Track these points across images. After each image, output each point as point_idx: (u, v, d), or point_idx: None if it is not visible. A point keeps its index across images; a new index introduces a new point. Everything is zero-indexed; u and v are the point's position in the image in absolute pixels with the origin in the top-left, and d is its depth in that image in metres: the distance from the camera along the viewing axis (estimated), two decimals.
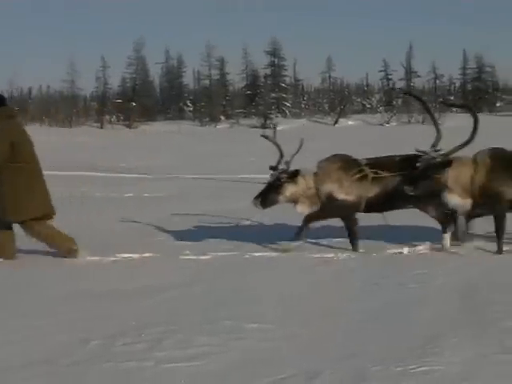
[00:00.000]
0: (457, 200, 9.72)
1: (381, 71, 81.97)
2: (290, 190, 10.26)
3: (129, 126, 70.46)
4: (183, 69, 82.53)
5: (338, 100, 77.35)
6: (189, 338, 6.25)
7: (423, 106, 10.47)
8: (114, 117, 75.07)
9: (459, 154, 9.77)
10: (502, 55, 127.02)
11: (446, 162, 9.62)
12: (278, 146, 10.58)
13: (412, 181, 9.60)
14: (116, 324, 6.71)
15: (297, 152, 10.46)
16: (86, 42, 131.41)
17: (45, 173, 10.21)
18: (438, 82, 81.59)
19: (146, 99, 75.99)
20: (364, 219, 10.54)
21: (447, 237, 10.09)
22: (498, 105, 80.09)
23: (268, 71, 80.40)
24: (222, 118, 73.95)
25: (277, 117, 72.42)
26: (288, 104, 77.21)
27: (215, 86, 78.99)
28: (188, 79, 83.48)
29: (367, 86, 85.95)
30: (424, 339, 6.06)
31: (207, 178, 24.31)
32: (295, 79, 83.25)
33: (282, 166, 10.33)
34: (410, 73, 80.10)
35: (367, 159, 10.55)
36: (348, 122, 69.79)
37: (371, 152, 10.78)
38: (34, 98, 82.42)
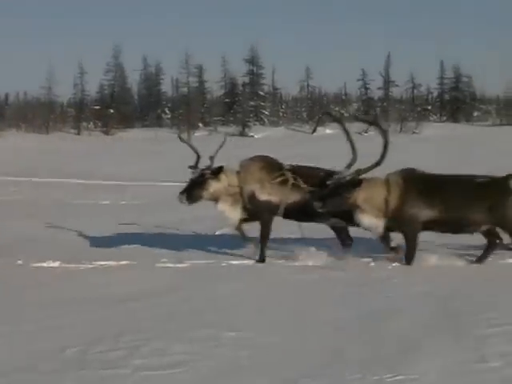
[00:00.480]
0: (369, 220, 9.77)
1: (359, 80, 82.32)
2: (213, 186, 10.27)
3: (106, 133, 70.30)
4: (161, 76, 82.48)
5: (317, 108, 77.48)
6: (166, 345, 6.24)
7: (341, 127, 10.50)
8: (92, 123, 74.87)
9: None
10: (479, 65, 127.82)
11: (356, 182, 9.67)
12: (192, 147, 10.64)
13: (321, 197, 9.67)
14: (93, 331, 6.69)
15: (220, 147, 10.48)
16: (63, 49, 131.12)
17: (21, 179, 10.18)
18: (415, 91, 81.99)
19: (123, 106, 75.87)
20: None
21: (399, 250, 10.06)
22: (475, 115, 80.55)
23: (246, 79, 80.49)
24: (200, 125, 73.87)
25: (255, 125, 72.53)
26: (266, 112, 77.28)
27: (193, 94, 78.94)
28: (166, 86, 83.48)
29: (345, 95, 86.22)
30: (401, 347, 6.08)
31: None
32: (273, 87, 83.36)
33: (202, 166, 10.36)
34: (388, 82, 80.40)
35: (291, 165, 10.58)
36: (326, 131, 69.83)
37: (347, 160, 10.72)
38: (10, 104, 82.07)
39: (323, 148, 43.25)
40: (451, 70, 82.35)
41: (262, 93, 79.78)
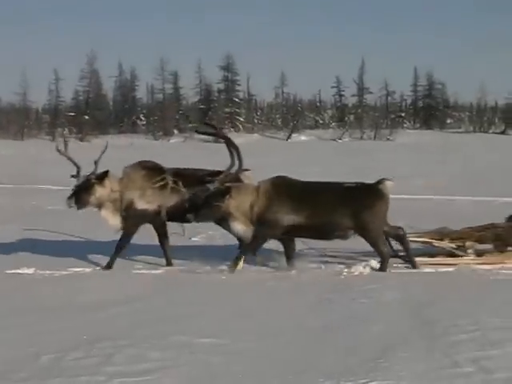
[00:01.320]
0: (239, 227, 9.92)
1: (333, 87, 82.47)
2: (98, 191, 10.30)
3: (81, 140, 69.96)
4: (136, 82, 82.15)
5: (291, 115, 77.55)
6: (141, 352, 6.24)
7: (220, 137, 10.67)
8: (67, 130, 74.49)
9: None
10: (453, 72, 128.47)
11: (225, 190, 9.80)
12: (69, 158, 10.61)
13: (194, 208, 9.81)
14: (67, 338, 6.68)
15: (102, 153, 10.50)
16: (38, 55, 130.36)
17: None
18: (389, 98, 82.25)
19: (98, 112, 75.55)
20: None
21: (240, 258, 10.14)
22: (448, 122, 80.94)
23: (221, 86, 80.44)
24: (176, 132, 73.69)
25: (230, 131, 72.45)
26: (241, 119, 77.23)
27: (168, 100, 78.77)
28: (141, 93, 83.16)
29: (320, 101, 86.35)
30: (375, 353, 6.13)
31: None
32: (248, 94, 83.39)
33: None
34: (362, 89, 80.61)
35: (174, 168, 10.70)
36: (301, 138, 69.90)
37: (324, 167, 10.80)
38: None
39: (298, 155, 43.27)
40: (424, 77, 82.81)
41: (237, 99, 79.72)
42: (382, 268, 9.95)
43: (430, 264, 10.22)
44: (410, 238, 10.40)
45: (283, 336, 6.77)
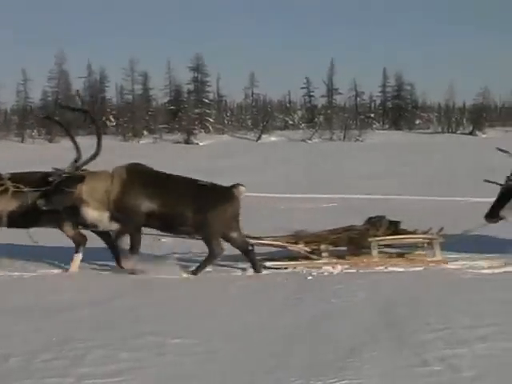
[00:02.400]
0: (93, 214, 9.89)
1: (303, 88, 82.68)
2: None
3: (50, 141, 69.51)
4: (106, 83, 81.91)
5: (261, 116, 77.62)
6: (111, 353, 6.23)
7: (61, 128, 10.65)
8: (35, 131, 73.98)
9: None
10: (421, 73, 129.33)
11: (78, 177, 9.81)
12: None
13: (45, 196, 9.75)
14: (37, 340, 6.64)
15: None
16: (5, 55, 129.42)
17: None
18: (358, 99, 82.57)
19: (68, 113, 75.14)
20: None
21: (78, 257, 10.20)
22: (417, 122, 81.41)
23: (191, 87, 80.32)
24: (145, 133, 73.47)
25: (200, 132, 72.36)
26: (211, 120, 77.14)
27: (138, 101, 78.53)
28: (111, 94, 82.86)
29: (289, 102, 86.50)
30: (344, 353, 6.16)
31: None
32: (218, 95, 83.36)
33: None
34: (331, 90, 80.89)
35: (11, 173, 10.49)
36: (271, 138, 69.97)
37: (297, 167, 10.87)
38: None
39: (267, 155, 43.32)
40: (393, 78, 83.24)
41: (206, 100, 79.66)
42: (200, 267, 10.00)
43: (281, 268, 10.23)
44: (265, 242, 10.50)
45: (253, 336, 6.78)
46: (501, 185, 10.99)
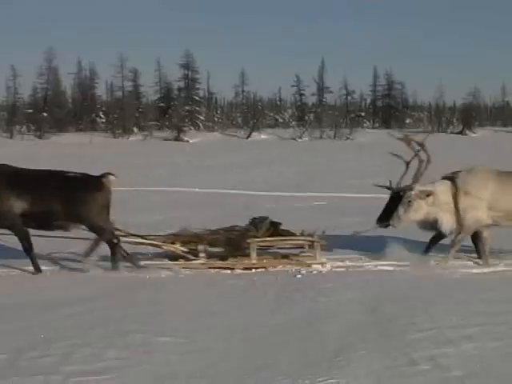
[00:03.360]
0: None
1: (293, 86, 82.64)
2: None
3: (39, 137, 69.35)
4: (96, 80, 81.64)
5: (251, 114, 77.60)
6: (98, 351, 6.22)
7: None
8: (25, 127, 73.78)
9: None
10: (411, 73, 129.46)
11: None
12: None
13: None
14: (23, 337, 6.62)
15: None
16: None
17: None
18: (349, 98, 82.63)
19: (57, 110, 74.89)
20: None
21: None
22: (407, 121, 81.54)
23: (181, 84, 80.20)
24: (135, 130, 73.36)
25: (190, 129, 72.28)
26: (201, 117, 77.08)
27: (128, 98, 78.38)
28: (101, 90, 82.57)
29: (280, 100, 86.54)
30: (332, 352, 6.16)
31: (120, 190, 24.08)
32: (209, 92, 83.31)
33: None
34: (322, 88, 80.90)
35: None
36: (261, 136, 69.93)
37: (283, 166, 10.93)
38: None
39: (257, 153, 43.28)
40: (384, 77, 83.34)
41: (197, 98, 79.55)
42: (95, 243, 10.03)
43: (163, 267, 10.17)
44: (139, 240, 10.51)
45: (241, 335, 6.78)
46: (389, 188, 10.87)
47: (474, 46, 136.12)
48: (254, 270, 10.09)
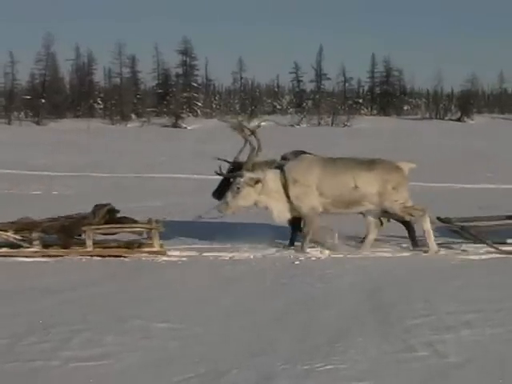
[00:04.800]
0: None
1: (291, 73, 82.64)
2: None
3: (37, 123, 69.32)
4: (94, 66, 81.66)
5: (249, 100, 77.59)
6: (97, 337, 6.22)
7: None
8: (23, 113, 73.73)
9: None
10: (410, 59, 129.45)
11: None
12: None
13: None
14: (23, 323, 6.63)
15: None
16: None
17: None
18: (347, 84, 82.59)
19: (55, 96, 74.83)
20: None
21: None
22: (405, 108, 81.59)
23: (180, 70, 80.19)
24: (133, 116, 73.35)
25: (188, 116, 72.28)
26: (199, 104, 77.10)
27: (126, 84, 78.35)
28: (99, 77, 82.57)
29: (278, 87, 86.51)
30: (330, 338, 6.16)
31: (119, 176, 24.13)
32: (207, 79, 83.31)
33: None
34: (320, 75, 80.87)
35: None
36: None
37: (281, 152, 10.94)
38: None
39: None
40: (382, 64, 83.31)
41: (195, 84, 79.58)
42: None
43: None
44: None
45: (240, 320, 6.78)
46: (229, 162, 10.94)
47: (472, 33, 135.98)
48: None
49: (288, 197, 10.30)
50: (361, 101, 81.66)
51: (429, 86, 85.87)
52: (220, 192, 10.64)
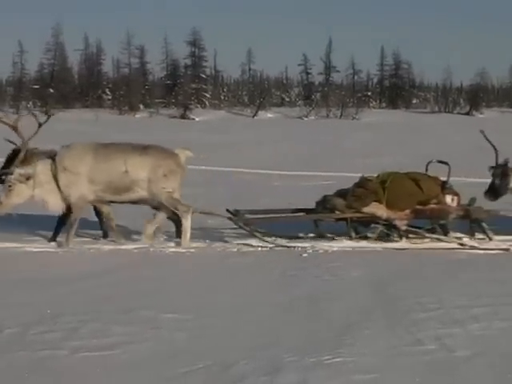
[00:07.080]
0: None
1: (300, 65, 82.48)
2: None
3: (46, 113, 69.30)
4: (102, 56, 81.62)
5: (258, 92, 77.49)
6: (104, 327, 6.23)
7: None
8: (31, 103, 73.77)
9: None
10: (419, 52, 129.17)
11: None
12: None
13: None
14: (31, 312, 6.64)
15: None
16: (2, 26, 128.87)
17: None
18: (356, 77, 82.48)
19: (63, 86, 74.86)
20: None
21: None
22: (414, 101, 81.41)
23: (188, 61, 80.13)
24: (141, 107, 73.32)
25: (196, 107, 72.24)
26: (208, 95, 77.03)
27: (134, 75, 78.33)
28: (107, 67, 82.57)
29: (286, 79, 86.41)
30: (338, 330, 6.16)
31: None
32: (215, 70, 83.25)
33: None
34: (329, 67, 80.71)
35: None
36: (267, 115, 69.92)
37: (290, 145, 10.95)
38: None
39: (264, 132, 43.26)
40: (391, 57, 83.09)
41: (203, 75, 79.49)
42: None
43: None
44: None
45: (247, 312, 6.79)
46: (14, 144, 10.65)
47: (482, 26, 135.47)
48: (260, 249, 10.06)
49: (58, 186, 10.16)
50: (370, 94, 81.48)
51: (438, 79, 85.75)
52: None
